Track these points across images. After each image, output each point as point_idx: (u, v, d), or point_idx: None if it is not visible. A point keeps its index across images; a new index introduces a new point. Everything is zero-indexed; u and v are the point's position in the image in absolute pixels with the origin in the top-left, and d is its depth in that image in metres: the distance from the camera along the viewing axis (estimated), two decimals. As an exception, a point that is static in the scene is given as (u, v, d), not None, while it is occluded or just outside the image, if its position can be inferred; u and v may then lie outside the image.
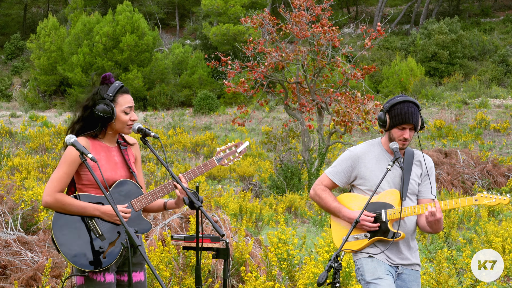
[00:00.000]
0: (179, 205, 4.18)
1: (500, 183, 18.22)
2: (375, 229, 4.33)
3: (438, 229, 4.36)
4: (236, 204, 12.45)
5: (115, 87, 4.05)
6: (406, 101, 4.34)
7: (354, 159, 4.47)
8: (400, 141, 4.37)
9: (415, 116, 4.32)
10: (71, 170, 3.99)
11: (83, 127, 4.07)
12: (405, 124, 4.33)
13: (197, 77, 39.88)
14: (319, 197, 4.52)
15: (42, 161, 19.89)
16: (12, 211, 7.70)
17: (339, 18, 20.58)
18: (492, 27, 50.35)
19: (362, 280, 4.40)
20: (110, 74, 4.12)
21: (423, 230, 4.51)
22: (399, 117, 4.33)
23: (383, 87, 37.60)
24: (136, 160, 4.27)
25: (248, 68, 17.82)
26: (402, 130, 4.36)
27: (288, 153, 17.96)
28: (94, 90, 4.10)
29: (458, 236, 11.04)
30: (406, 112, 4.31)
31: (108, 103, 4.01)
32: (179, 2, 53.64)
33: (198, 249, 4.05)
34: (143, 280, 4.15)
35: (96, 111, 4.00)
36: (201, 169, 4.23)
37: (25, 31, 51.88)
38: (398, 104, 4.35)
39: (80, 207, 3.95)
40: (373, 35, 17.36)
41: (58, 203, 3.93)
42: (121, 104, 4.06)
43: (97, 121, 4.04)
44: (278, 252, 6.47)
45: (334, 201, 4.47)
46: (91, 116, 4.03)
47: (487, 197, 4.27)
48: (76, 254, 3.90)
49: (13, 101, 41.86)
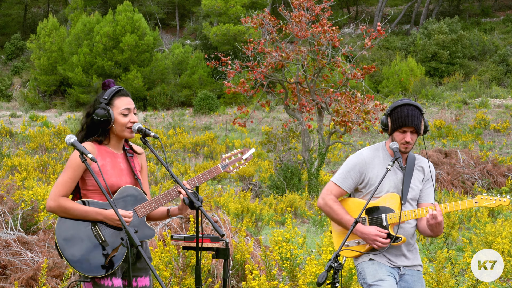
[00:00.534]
0: (182, 211, 4.17)
1: (500, 183, 18.22)
2: (386, 246, 4.30)
3: (438, 232, 4.35)
4: (237, 204, 12.45)
5: (111, 91, 4.07)
6: (407, 104, 4.34)
7: (362, 165, 4.45)
8: (402, 145, 4.36)
9: (415, 119, 4.31)
10: (76, 175, 4.00)
11: (86, 134, 4.11)
12: (405, 127, 4.32)
13: (197, 77, 39.88)
14: (330, 208, 4.45)
15: (42, 161, 19.90)
16: (12, 211, 7.70)
17: (339, 18, 20.57)
18: (492, 27, 50.35)
19: (364, 283, 4.39)
20: (110, 80, 4.16)
21: (423, 234, 4.48)
22: (399, 120, 4.32)
23: (383, 87, 37.60)
24: (142, 169, 4.28)
25: (248, 68, 17.82)
26: (403, 133, 4.34)
27: (288, 153, 17.96)
28: (96, 97, 4.13)
29: (458, 236, 11.05)
30: (406, 115, 4.31)
31: (105, 106, 4.03)
32: (179, 2, 53.64)
33: (198, 249, 4.05)
34: (149, 285, 4.14)
35: (95, 115, 4.03)
36: (206, 175, 4.23)
37: (25, 31, 51.88)
38: (398, 108, 4.35)
39: (83, 211, 3.95)
40: (373, 35, 17.35)
41: (61, 207, 3.94)
42: (118, 106, 4.07)
43: (97, 126, 4.06)
44: (282, 251, 6.47)
45: (346, 214, 4.41)
46: (92, 122, 4.06)
47: (487, 199, 4.25)
48: (79, 259, 3.90)
49: (13, 101, 41.86)
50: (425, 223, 4.40)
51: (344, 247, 4.37)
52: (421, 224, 4.46)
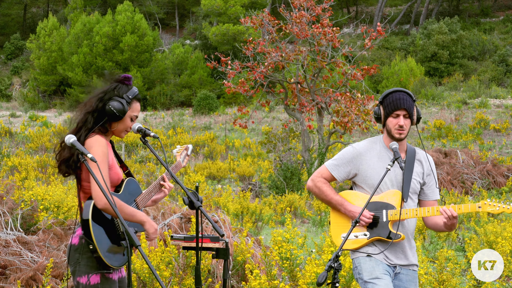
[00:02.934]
0: (165, 193, 4.26)
1: (500, 183, 18.21)
2: (370, 221, 4.32)
3: (453, 228, 4.37)
4: (237, 205, 12.44)
5: (134, 92, 4.06)
6: (398, 91, 4.39)
7: (356, 156, 4.45)
8: (396, 130, 4.36)
9: (407, 102, 4.34)
10: (107, 165, 3.96)
11: (95, 119, 4.01)
12: (398, 111, 4.34)
13: (197, 77, 39.89)
14: (319, 190, 4.50)
15: (42, 161, 19.89)
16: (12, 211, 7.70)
17: (339, 18, 20.58)
18: (492, 27, 50.37)
19: (359, 279, 4.38)
20: (131, 77, 4.15)
21: (434, 229, 4.49)
22: (391, 104, 4.35)
23: (383, 87, 37.60)
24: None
25: (248, 68, 17.82)
26: (396, 118, 4.35)
27: (288, 153, 17.97)
28: (111, 85, 4.07)
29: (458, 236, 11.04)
30: (398, 99, 4.34)
31: (125, 103, 4.00)
32: (179, 2, 53.64)
33: (198, 249, 4.05)
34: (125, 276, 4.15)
35: (111, 106, 3.97)
36: (174, 169, 4.37)
37: (25, 31, 51.88)
38: (389, 94, 4.40)
39: (132, 212, 3.96)
40: (373, 35, 17.35)
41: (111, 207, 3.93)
42: (133, 109, 4.07)
43: (104, 116, 4.00)
44: (281, 251, 6.46)
45: (335, 194, 4.46)
46: (102, 109, 4.00)
47: (490, 205, 4.22)
48: (107, 251, 3.88)
49: (13, 101, 41.86)
50: (433, 220, 4.42)
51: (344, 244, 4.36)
52: (430, 220, 4.46)
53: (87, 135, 3.95)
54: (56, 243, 7.24)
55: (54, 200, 8.40)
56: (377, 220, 4.34)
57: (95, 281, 3.89)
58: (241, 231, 7.71)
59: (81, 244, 3.89)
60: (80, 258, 3.90)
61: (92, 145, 3.89)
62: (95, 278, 3.89)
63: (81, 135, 3.95)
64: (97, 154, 3.85)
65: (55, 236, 7.40)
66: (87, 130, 3.97)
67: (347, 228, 4.39)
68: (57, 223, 7.76)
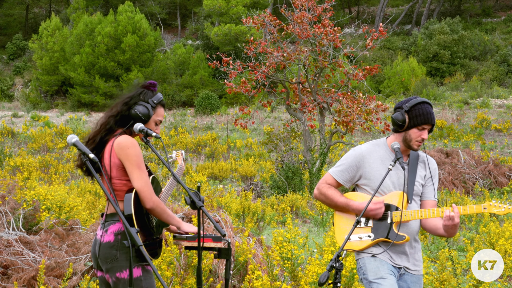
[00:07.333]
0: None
1: (501, 183, 18.20)
2: (382, 209, 4.30)
3: (453, 234, 4.32)
4: (239, 205, 12.45)
5: (159, 97, 4.22)
6: (426, 103, 4.39)
7: (359, 159, 4.45)
8: (417, 142, 4.37)
9: (434, 117, 4.40)
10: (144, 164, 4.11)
11: (117, 121, 4.15)
12: (425, 125, 4.36)
13: (198, 77, 39.90)
14: (324, 196, 4.49)
15: (44, 161, 19.92)
16: (14, 211, 7.71)
17: (341, 18, 20.59)
18: (494, 27, 50.34)
19: (364, 279, 4.38)
20: (156, 83, 4.30)
21: (432, 233, 4.46)
22: (421, 117, 4.35)
23: (384, 87, 37.59)
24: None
25: (249, 68, 17.83)
26: (421, 130, 4.36)
27: (289, 153, 17.97)
28: (137, 90, 4.22)
29: (459, 236, 11.04)
30: (428, 113, 4.35)
31: (150, 108, 4.14)
32: (181, 2, 53.65)
33: (200, 249, 4.06)
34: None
35: (136, 110, 4.11)
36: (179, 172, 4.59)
37: (27, 31, 51.94)
38: (419, 105, 4.37)
39: (171, 214, 4.13)
40: (374, 35, 17.35)
41: (158, 207, 4.03)
42: (157, 114, 4.23)
43: (130, 119, 4.13)
44: (282, 251, 6.47)
45: (341, 196, 4.45)
46: (127, 113, 4.13)
47: (495, 206, 4.23)
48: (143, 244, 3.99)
49: (15, 101, 41.90)
50: (432, 222, 4.40)
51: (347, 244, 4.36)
52: (428, 223, 4.44)
53: (107, 135, 4.08)
54: (58, 243, 7.25)
55: (56, 200, 8.42)
56: (382, 221, 4.34)
57: (138, 274, 3.97)
58: (242, 231, 7.72)
59: (117, 240, 3.96)
60: (118, 254, 3.95)
61: (129, 146, 4.01)
62: (137, 271, 3.97)
63: (101, 135, 4.09)
64: (135, 154, 4.01)
65: (57, 236, 7.41)
66: (106, 131, 4.10)
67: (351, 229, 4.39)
68: (59, 223, 7.78)
